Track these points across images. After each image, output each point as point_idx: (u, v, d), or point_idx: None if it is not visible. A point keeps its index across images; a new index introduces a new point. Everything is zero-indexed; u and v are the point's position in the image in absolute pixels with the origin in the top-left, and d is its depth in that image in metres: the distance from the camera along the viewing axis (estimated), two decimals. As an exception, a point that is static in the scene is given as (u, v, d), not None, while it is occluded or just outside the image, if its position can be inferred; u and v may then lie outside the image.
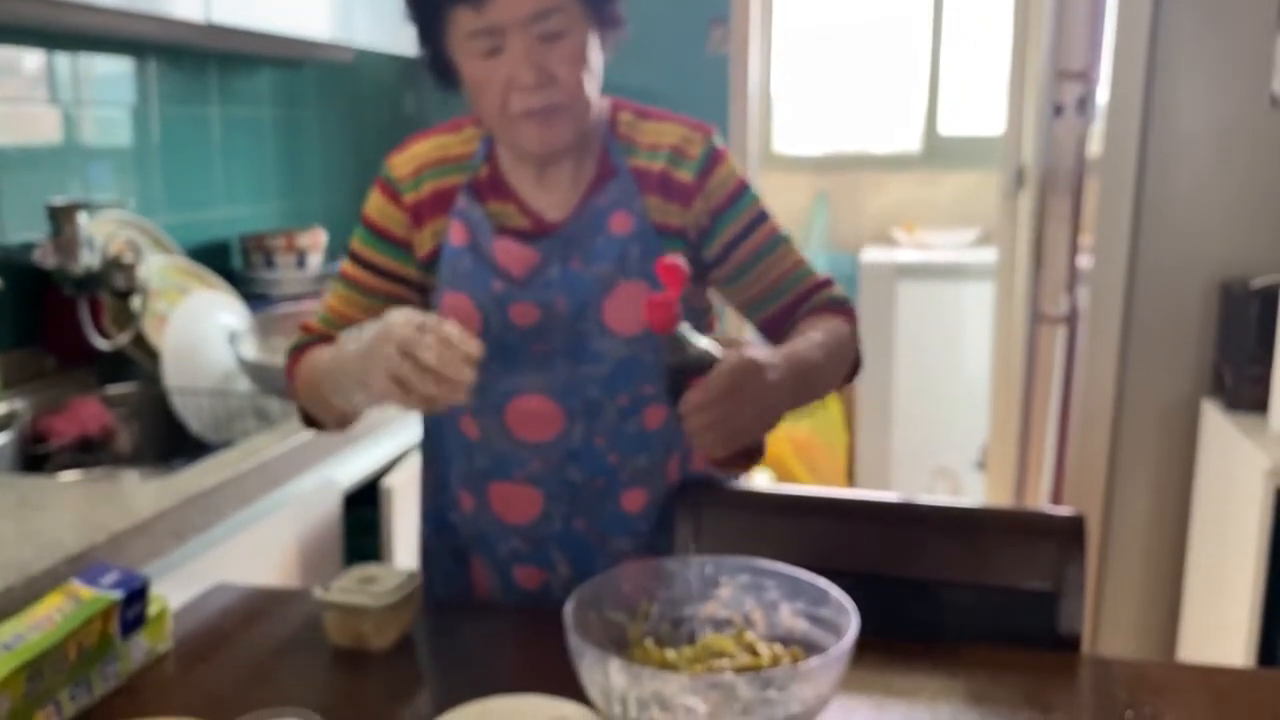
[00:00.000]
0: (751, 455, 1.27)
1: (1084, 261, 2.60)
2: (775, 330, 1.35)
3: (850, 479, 4.14)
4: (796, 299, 1.33)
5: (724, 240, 1.31)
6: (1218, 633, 2.23)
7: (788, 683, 0.90)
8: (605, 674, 0.92)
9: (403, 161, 1.32)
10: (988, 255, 3.68)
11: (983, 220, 4.14)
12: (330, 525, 1.83)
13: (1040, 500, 2.90)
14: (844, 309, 1.33)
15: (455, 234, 1.29)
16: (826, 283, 1.35)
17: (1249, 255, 2.34)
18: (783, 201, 4.32)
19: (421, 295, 1.33)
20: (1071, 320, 2.68)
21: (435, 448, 1.39)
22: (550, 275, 1.27)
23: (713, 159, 1.31)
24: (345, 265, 1.35)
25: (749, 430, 1.12)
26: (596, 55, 1.24)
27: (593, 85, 1.24)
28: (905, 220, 4.25)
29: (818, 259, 4.24)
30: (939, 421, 3.93)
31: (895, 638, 1.18)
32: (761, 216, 1.33)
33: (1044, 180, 2.90)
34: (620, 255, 1.26)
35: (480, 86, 1.21)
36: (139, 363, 2.02)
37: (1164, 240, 2.38)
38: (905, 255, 4.01)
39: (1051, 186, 2.88)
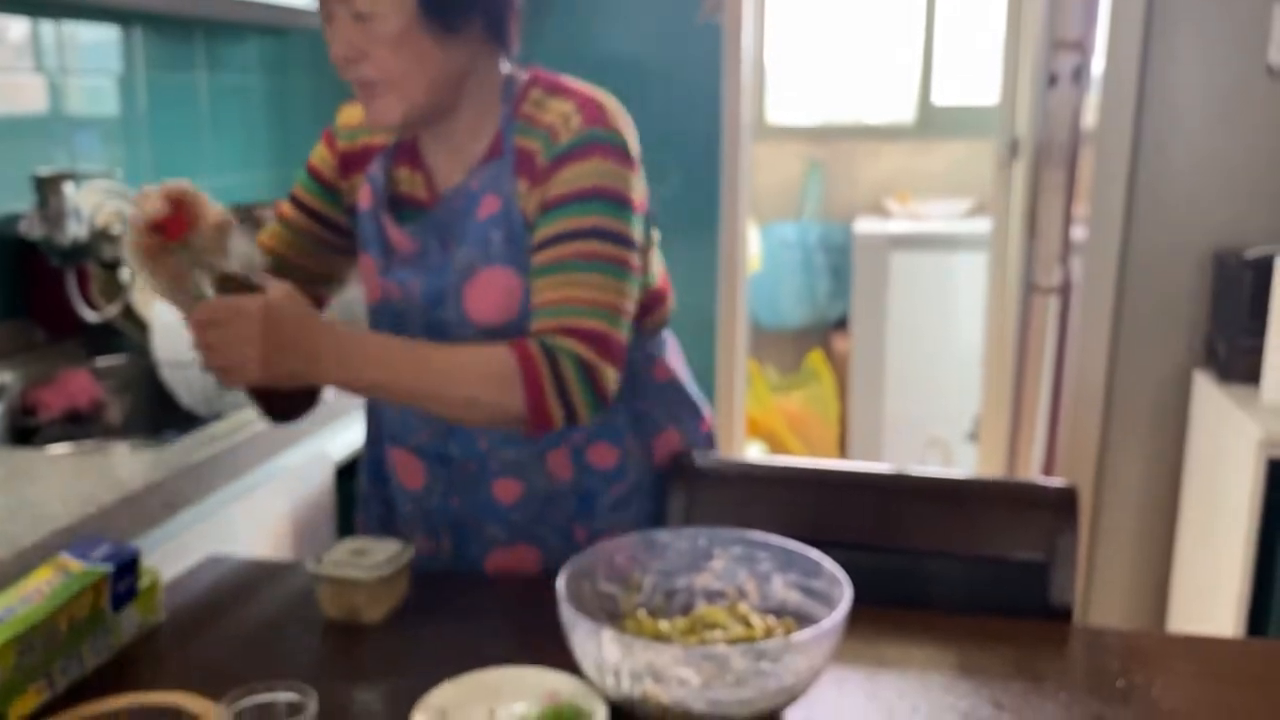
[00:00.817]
0: (282, 402, 1.23)
1: (1078, 232, 2.60)
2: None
3: (842, 450, 4.15)
4: (564, 329, 1.15)
5: (538, 238, 1.19)
6: (1207, 603, 2.24)
7: (781, 654, 0.90)
8: (598, 646, 0.92)
9: (350, 112, 1.35)
10: (981, 226, 3.67)
11: (976, 191, 4.12)
12: (322, 497, 1.82)
13: (1032, 471, 2.91)
14: (536, 363, 1.12)
15: (363, 197, 1.31)
16: (604, 344, 1.15)
17: (1243, 226, 2.34)
18: (776, 172, 4.30)
19: (349, 241, 1.36)
20: (1064, 291, 2.67)
21: (370, 402, 1.40)
22: (430, 258, 1.25)
23: (577, 152, 1.17)
24: (282, 204, 1.39)
25: (234, 370, 1.08)
26: (433, 38, 1.16)
27: (426, 68, 1.17)
28: (899, 190, 4.24)
29: (811, 230, 4.23)
30: (931, 392, 3.93)
31: (887, 608, 1.19)
32: (584, 233, 1.16)
33: (1038, 151, 2.89)
34: (484, 240, 1.22)
35: (329, 48, 1.21)
36: (128, 335, 2.01)
37: (1158, 211, 2.38)
38: (898, 226, 3.99)
39: (1046, 157, 2.87)
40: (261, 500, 1.65)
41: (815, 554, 1.06)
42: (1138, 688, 1.04)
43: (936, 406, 3.91)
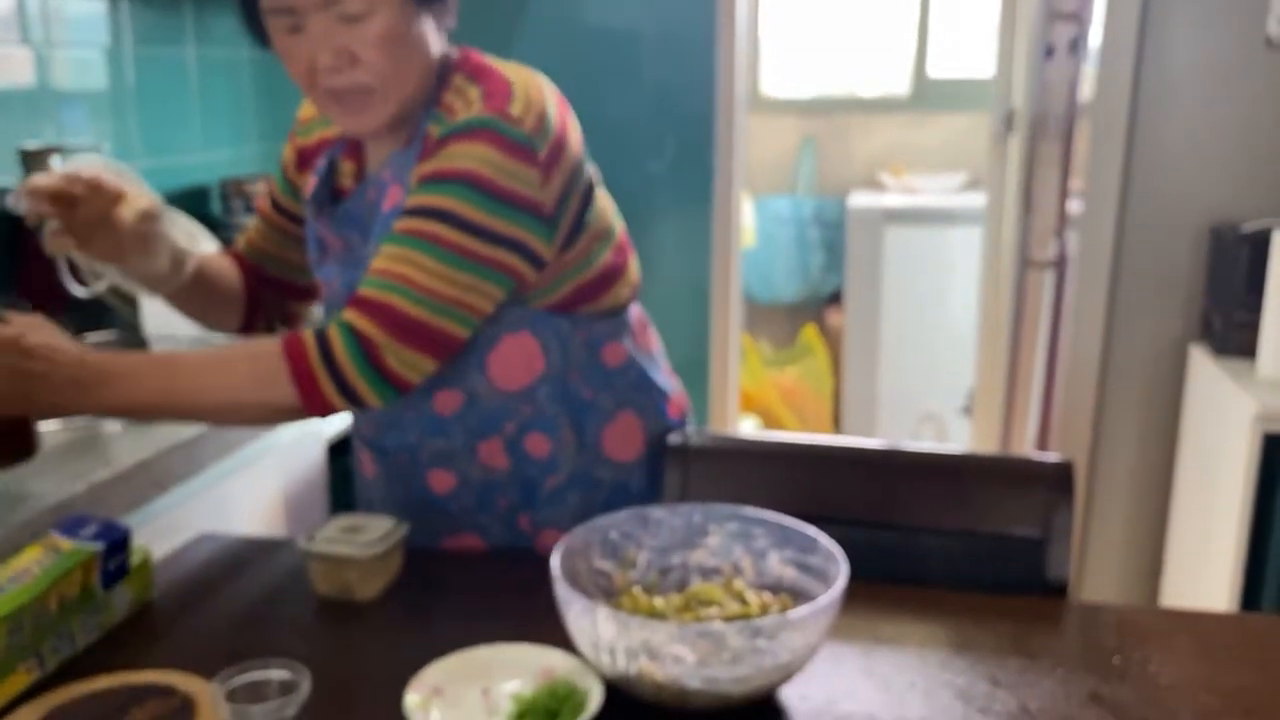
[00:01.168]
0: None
1: (1074, 206, 2.59)
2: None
3: (836, 424, 4.15)
4: (353, 298, 1.11)
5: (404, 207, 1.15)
6: (1201, 578, 2.24)
7: (777, 631, 0.89)
8: (593, 623, 0.91)
9: (308, 104, 1.33)
10: (976, 200, 3.66)
11: (971, 164, 4.11)
12: (314, 475, 1.81)
13: (1026, 446, 2.91)
14: (304, 351, 1.08)
15: (308, 191, 1.30)
16: (365, 305, 1.09)
17: (1240, 199, 2.33)
18: (770, 145, 4.28)
19: None
20: (1060, 265, 2.66)
21: None
22: (352, 253, 1.23)
23: (464, 133, 1.10)
24: (261, 199, 1.41)
25: None
26: (419, 30, 1.14)
27: (414, 62, 1.14)
28: (893, 164, 4.21)
29: (805, 204, 4.21)
30: (925, 367, 3.93)
31: (883, 584, 1.18)
32: (431, 213, 1.10)
33: (1034, 124, 2.87)
34: (386, 230, 1.16)
35: (286, 60, 1.15)
36: (117, 310, 1.99)
37: (1155, 184, 2.36)
38: (893, 200, 3.97)
39: (1042, 130, 2.85)
40: (253, 478, 1.65)
41: (811, 530, 1.05)
42: (1134, 664, 1.04)
43: (931, 381, 3.90)
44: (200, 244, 1.24)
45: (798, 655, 0.92)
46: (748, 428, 3.80)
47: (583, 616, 0.93)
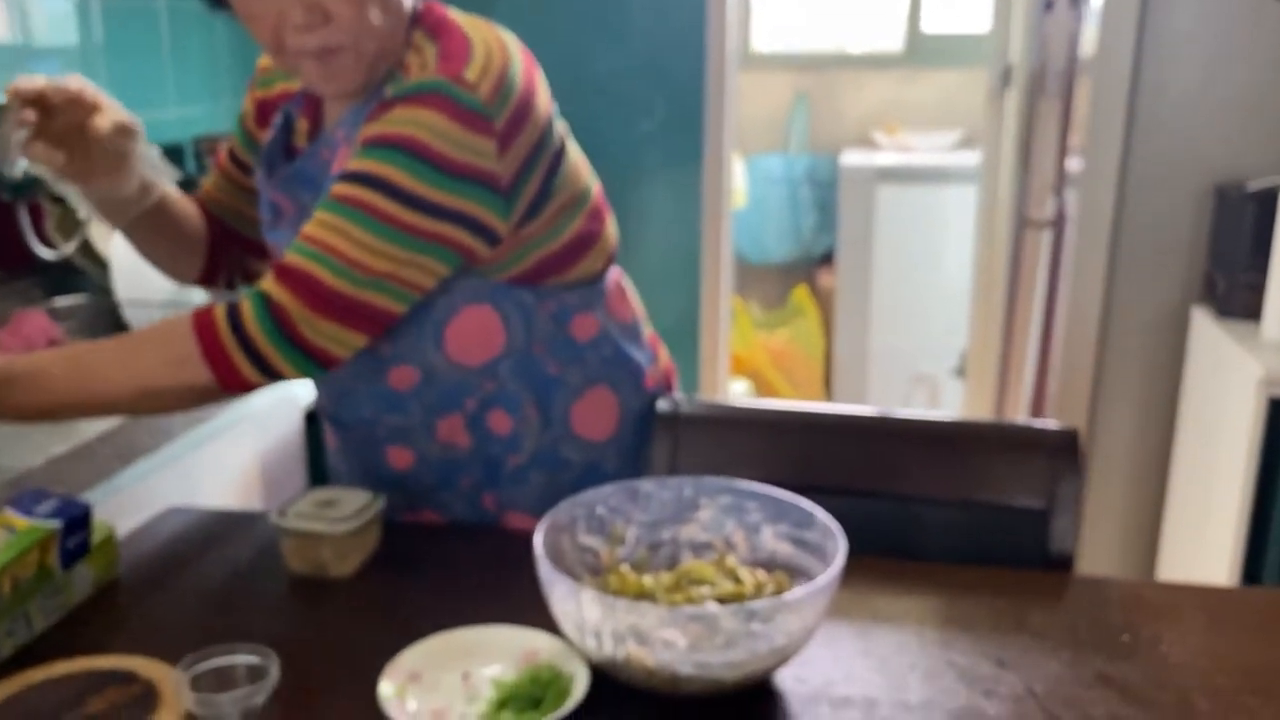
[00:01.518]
0: None
1: (1073, 164, 2.52)
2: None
3: (828, 387, 4.11)
4: (275, 264, 1.06)
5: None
6: (1201, 549, 2.20)
7: (773, 614, 0.84)
8: (578, 606, 0.87)
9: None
10: (971, 158, 3.60)
11: (966, 122, 4.03)
12: (291, 444, 1.76)
13: (1021, 410, 2.87)
14: (214, 327, 1.02)
15: (265, 147, 1.24)
16: (282, 273, 1.03)
17: (1245, 157, 2.27)
18: (761, 103, 4.19)
19: None
20: (1058, 224, 2.61)
21: None
22: (303, 216, 1.15)
23: (413, 97, 1.03)
24: (221, 153, 1.34)
25: None
26: None
27: (388, 16, 1.07)
28: (887, 122, 4.14)
29: (798, 163, 4.14)
30: (918, 328, 3.89)
31: (880, 558, 1.13)
32: (366, 179, 1.02)
33: (1032, 79, 2.80)
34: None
35: (251, 21, 1.08)
36: (87, 273, 1.92)
37: (1157, 141, 2.30)
38: (886, 158, 3.91)
39: (1040, 86, 2.78)
40: (227, 447, 1.59)
41: (807, 504, 1.00)
42: (1144, 642, 1.00)
43: (923, 343, 3.86)
44: (167, 182, 1.19)
45: (794, 638, 0.87)
46: (738, 390, 3.75)
47: (567, 599, 0.88)
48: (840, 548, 0.93)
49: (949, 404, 3.71)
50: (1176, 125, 2.29)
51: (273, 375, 1.04)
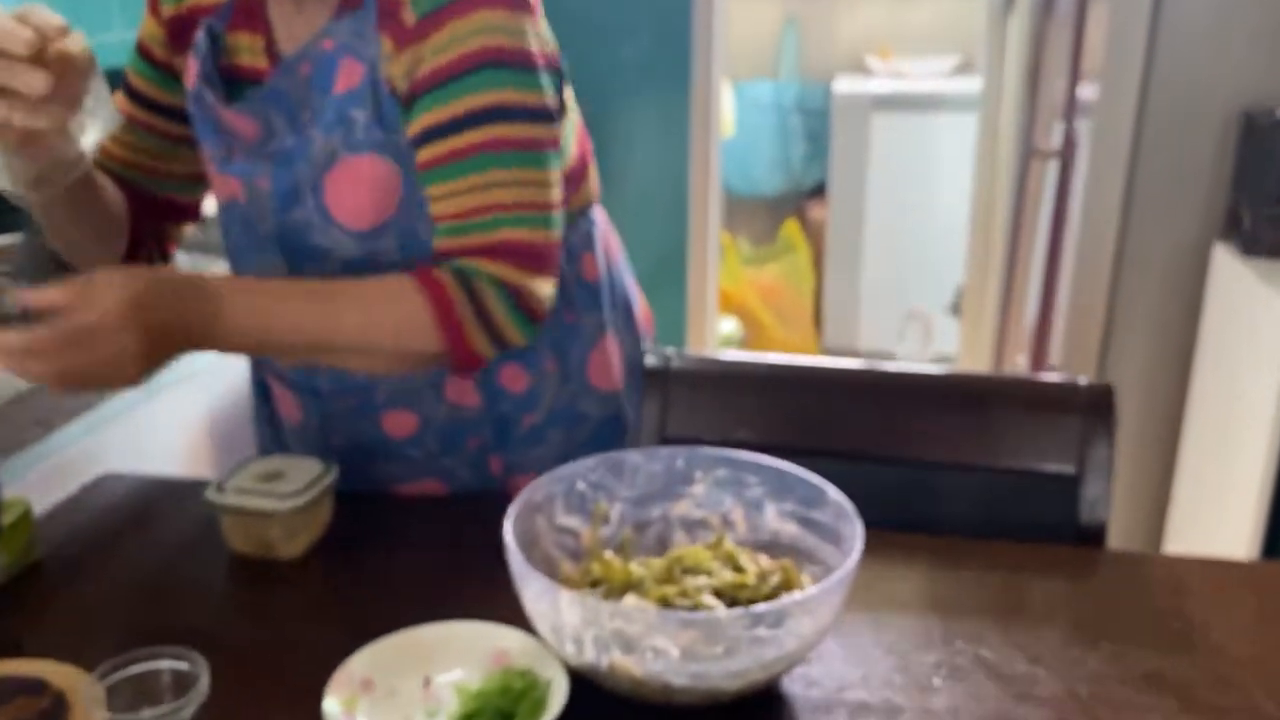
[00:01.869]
0: None
1: (1085, 90, 2.37)
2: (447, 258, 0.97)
3: (818, 325, 3.99)
4: (481, 248, 0.94)
5: (420, 126, 0.94)
6: (1217, 517, 2.04)
7: (783, 618, 0.72)
8: (555, 607, 0.74)
9: None
10: (969, 84, 3.44)
11: (964, 46, 3.87)
12: (244, 400, 1.62)
13: (1022, 349, 2.75)
14: (449, 298, 0.92)
15: (190, 72, 1.05)
16: (532, 258, 0.94)
17: (1274, 82, 2.11)
18: (749, 27, 4.02)
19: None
20: (1065, 154, 2.46)
21: None
22: (277, 143, 1.00)
23: (455, 5, 0.91)
24: (119, 96, 1.11)
25: (111, 384, 0.86)
26: None
27: None
28: (880, 46, 3.97)
29: (787, 90, 3.97)
30: (912, 264, 3.77)
31: (892, 531, 1.01)
32: (482, 116, 0.92)
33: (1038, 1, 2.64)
34: (344, 120, 0.96)
35: None
36: (23, 211, 1.77)
37: (1180, 65, 2.13)
38: (880, 85, 3.76)
39: (1047, 5, 2.62)
40: (170, 406, 1.44)
41: (816, 479, 0.88)
42: (1196, 632, 0.89)
43: (917, 278, 3.74)
44: (100, 133, 0.97)
45: (806, 642, 0.76)
46: (727, 328, 3.63)
47: (541, 599, 0.75)
48: (857, 532, 0.81)
49: (944, 343, 3.60)
50: (1201, 47, 2.12)
51: (502, 348, 0.96)
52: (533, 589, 0.76)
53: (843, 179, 3.76)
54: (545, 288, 0.96)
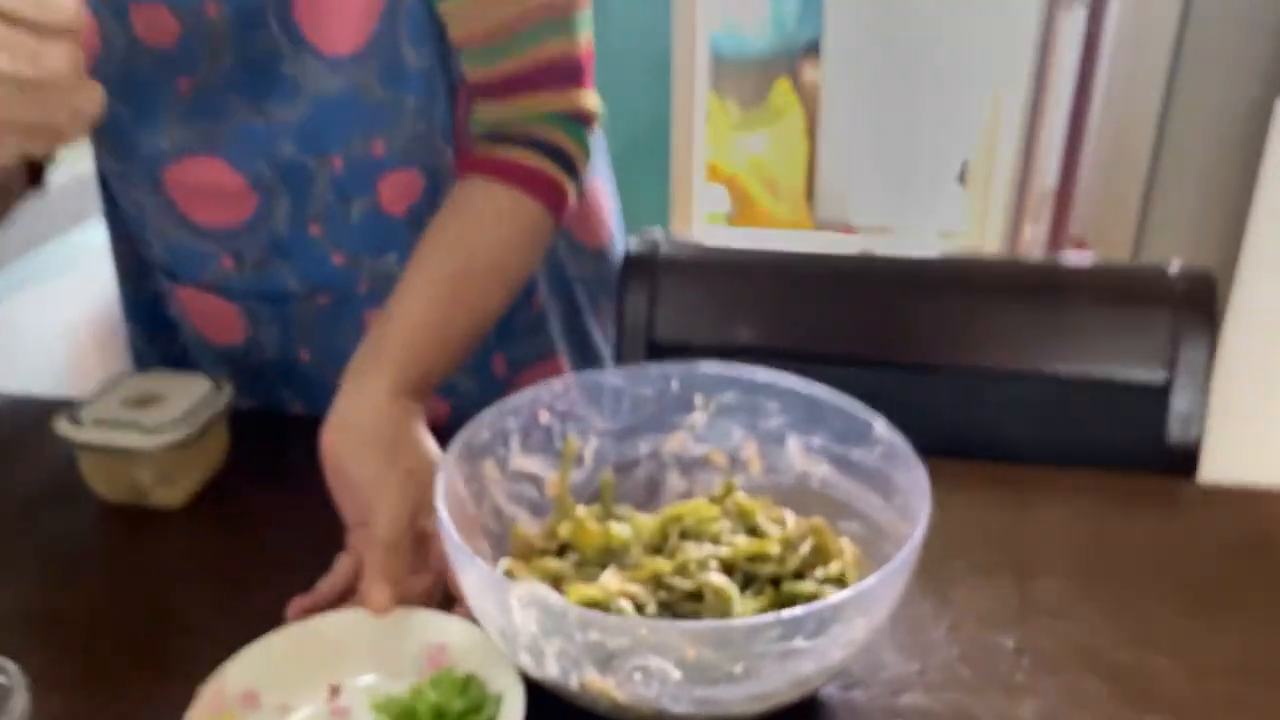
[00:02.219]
0: None
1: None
2: (488, 99, 0.82)
3: (810, 198, 3.74)
4: (520, 77, 0.81)
5: None
6: (1263, 414, 1.81)
7: (830, 622, 0.51)
8: (504, 607, 0.52)
9: None
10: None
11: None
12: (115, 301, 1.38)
13: (1039, 224, 2.51)
14: (555, 185, 0.81)
15: None
16: (572, 72, 0.82)
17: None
18: None
19: None
20: (1096, 1, 2.19)
21: (119, 211, 0.93)
22: None
23: None
24: None
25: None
26: None
27: None
28: (881, -112, 3.62)
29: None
30: (915, 130, 3.49)
31: (936, 457, 0.79)
32: None
33: None
34: None
35: None
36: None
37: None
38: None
39: None
40: (38, 300, 1.20)
41: (858, 406, 0.66)
42: (1346, 599, 0.68)
43: (921, 147, 3.48)
44: None
45: (854, 648, 0.54)
46: (715, 197, 3.38)
47: (485, 594, 0.53)
48: (917, 482, 0.60)
49: (949, 219, 3.37)
50: None
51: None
52: (471, 579, 0.54)
53: (839, 35, 3.48)
54: (593, 99, 0.84)
